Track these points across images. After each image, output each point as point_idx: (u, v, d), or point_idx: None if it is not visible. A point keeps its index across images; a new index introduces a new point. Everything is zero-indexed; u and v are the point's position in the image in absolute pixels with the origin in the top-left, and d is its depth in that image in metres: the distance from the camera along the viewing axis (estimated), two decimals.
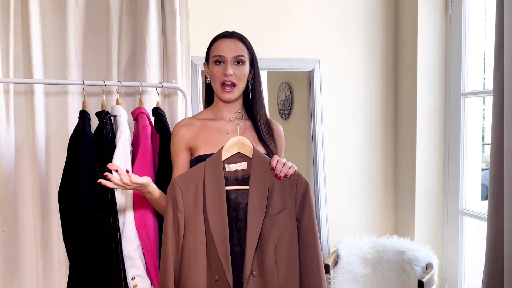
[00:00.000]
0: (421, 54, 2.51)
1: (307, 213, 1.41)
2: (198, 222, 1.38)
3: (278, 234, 1.39)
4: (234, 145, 1.44)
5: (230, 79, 1.56)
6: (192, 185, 1.40)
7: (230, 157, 1.44)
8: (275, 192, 1.41)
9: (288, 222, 1.40)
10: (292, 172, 1.45)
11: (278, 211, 1.40)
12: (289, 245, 1.40)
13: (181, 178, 1.42)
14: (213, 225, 1.37)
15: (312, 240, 1.40)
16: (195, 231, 1.38)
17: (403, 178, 2.68)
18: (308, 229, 1.41)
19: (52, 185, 2.14)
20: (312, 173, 2.59)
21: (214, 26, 1.89)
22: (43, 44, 2.15)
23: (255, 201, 1.39)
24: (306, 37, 2.57)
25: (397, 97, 2.71)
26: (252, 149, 1.44)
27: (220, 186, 1.39)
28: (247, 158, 1.45)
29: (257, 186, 1.40)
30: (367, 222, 2.73)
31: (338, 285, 2.33)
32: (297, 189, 1.42)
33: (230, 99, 1.60)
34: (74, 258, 1.81)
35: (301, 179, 1.43)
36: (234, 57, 1.57)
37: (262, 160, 1.43)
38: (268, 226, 1.39)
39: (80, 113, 1.94)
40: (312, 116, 2.57)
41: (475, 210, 2.43)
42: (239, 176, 1.45)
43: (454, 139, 2.51)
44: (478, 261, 2.16)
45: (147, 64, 2.17)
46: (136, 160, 1.88)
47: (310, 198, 1.42)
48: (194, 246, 1.38)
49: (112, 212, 1.80)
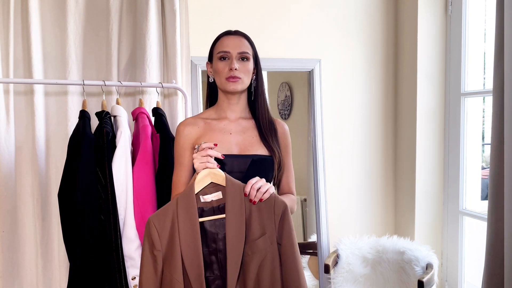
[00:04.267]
0: (421, 54, 2.50)
1: (286, 236, 1.39)
2: (174, 259, 1.36)
3: (259, 260, 1.37)
4: (206, 176, 1.41)
5: (236, 74, 1.55)
6: (167, 222, 1.38)
7: (204, 188, 1.42)
8: (253, 217, 1.38)
9: (269, 246, 1.38)
10: (267, 196, 1.41)
11: (258, 236, 1.38)
12: (271, 270, 1.38)
13: (156, 216, 1.40)
14: (187, 262, 1.35)
15: (292, 264, 1.38)
16: (172, 269, 1.35)
17: (403, 178, 2.68)
18: (287, 252, 1.39)
19: (52, 185, 2.14)
20: (312, 173, 2.58)
21: (214, 26, 1.88)
22: (43, 44, 2.15)
23: (233, 229, 1.36)
24: (306, 37, 2.57)
25: (397, 97, 2.71)
26: (224, 177, 1.41)
27: (193, 219, 1.37)
28: (222, 187, 1.42)
29: (234, 214, 1.37)
30: (367, 222, 2.73)
31: (338, 285, 2.33)
32: (275, 212, 1.39)
33: (236, 90, 1.57)
34: (74, 258, 1.81)
35: (278, 202, 1.40)
36: (239, 53, 1.57)
37: (236, 187, 1.40)
38: (249, 252, 1.37)
39: (80, 113, 1.94)
40: (312, 116, 2.56)
41: (475, 210, 2.42)
42: (215, 206, 1.42)
43: (454, 139, 2.50)
44: (478, 261, 2.15)
45: (147, 64, 2.17)
46: (136, 160, 1.89)
47: (288, 220, 1.40)
48: (170, 284, 1.36)
49: (112, 212, 1.80)
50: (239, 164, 1.57)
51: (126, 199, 1.84)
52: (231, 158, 1.57)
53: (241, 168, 1.57)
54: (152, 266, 1.37)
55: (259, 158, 1.59)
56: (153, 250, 1.37)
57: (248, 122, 1.66)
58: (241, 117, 1.66)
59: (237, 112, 1.65)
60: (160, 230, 1.37)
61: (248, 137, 1.63)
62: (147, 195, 1.86)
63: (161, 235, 1.37)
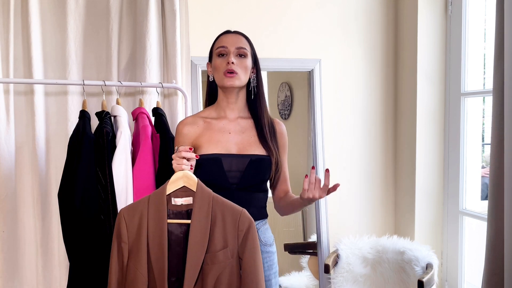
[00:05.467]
0: (421, 54, 2.50)
1: (248, 252, 1.39)
2: (140, 254, 1.37)
3: (217, 272, 1.38)
4: (180, 178, 1.43)
5: (233, 68, 1.57)
6: (136, 216, 1.40)
7: (177, 191, 1.43)
8: (217, 228, 1.39)
9: (229, 260, 1.39)
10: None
11: (219, 248, 1.38)
12: (229, 283, 1.39)
13: (127, 209, 1.43)
14: (154, 258, 1.37)
15: (250, 281, 1.39)
16: (137, 263, 1.37)
17: (403, 177, 2.67)
18: (248, 269, 1.39)
19: (52, 185, 2.14)
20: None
21: (214, 26, 1.90)
22: (43, 44, 2.15)
23: (196, 236, 1.37)
24: (306, 37, 2.56)
25: (397, 97, 2.71)
26: (196, 183, 1.43)
27: (161, 219, 1.38)
28: (193, 193, 1.43)
29: (199, 222, 1.38)
30: (367, 222, 2.72)
31: (338, 285, 2.32)
32: (239, 227, 1.39)
33: (233, 85, 1.59)
34: (74, 258, 1.82)
35: (244, 217, 1.40)
36: (236, 48, 1.59)
37: (205, 194, 1.41)
38: (208, 262, 1.38)
39: (80, 113, 1.94)
40: (312, 116, 2.55)
41: (475, 210, 2.41)
42: (183, 210, 1.43)
43: (454, 139, 2.49)
44: (478, 261, 2.15)
45: (147, 64, 2.17)
46: (137, 160, 1.89)
47: (253, 237, 1.40)
48: (135, 277, 1.37)
49: (112, 212, 1.79)
50: (238, 164, 1.59)
51: (126, 199, 1.84)
52: (230, 158, 1.59)
53: (239, 167, 1.59)
54: (117, 257, 1.40)
55: (257, 158, 1.61)
56: (120, 242, 1.40)
57: (247, 122, 1.67)
58: (240, 116, 1.67)
59: (236, 111, 1.67)
60: (129, 223, 1.40)
61: (246, 136, 1.64)
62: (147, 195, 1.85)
63: (129, 228, 1.40)
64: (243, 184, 1.59)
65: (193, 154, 1.44)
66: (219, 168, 1.57)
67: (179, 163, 1.43)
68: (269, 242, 1.67)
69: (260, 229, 1.63)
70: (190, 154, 1.44)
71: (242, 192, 1.59)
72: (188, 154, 1.43)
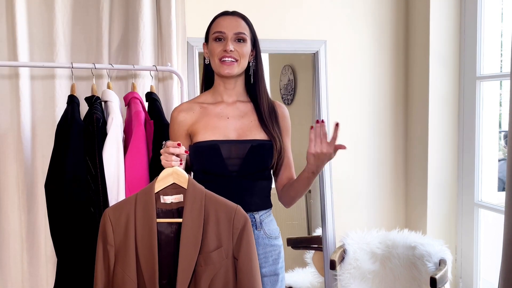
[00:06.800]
0: (433, 35, 2.47)
1: (244, 251, 1.39)
2: (128, 256, 1.37)
3: (212, 273, 1.37)
4: (169, 175, 1.42)
5: (231, 55, 1.56)
6: (123, 217, 1.39)
7: (166, 188, 1.42)
8: (210, 227, 1.38)
9: (223, 260, 1.38)
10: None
11: (213, 248, 1.37)
12: (224, 285, 1.38)
13: (113, 209, 1.42)
14: (143, 261, 1.36)
15: (247, 282, 1.38)
16: (125, 267, 1.36)
17: (415, 168, 2.65)
18: (243, 269, 1.38)
19: (39, 175, 2.13)
20: None
21: (212, 5, 1.95)
22: (29, 24, 2.12)
23: (188, 235, 1.36)
24: (311, 17, 2.54)
25: (408, 81, 2.68)
26: (187, 179, 1.42)
27: (150, 218, 1.38)
28: (184, 190, 1.42)
29: (191, 220, 1.37)
30: (376, 215, 2.70)
31: (345, 282, 2.31)
32: (234, 225, 1.39)
33: (231, 74, 1.58)
34: (62, 254, 1.82)
35: (239, 215, 1.40)
36: (235, 33, 1.58)
37: (198, 192, 1.40)
38: (202, 263, 1.37)
39: (69, 98, 1.93)
40: (317, 101, 2.54)
41: (491, 202, 2.40)
42: (174, 208, 1.43)
43: (469, 126, 2.48)
44: (495, 257, 2.15)
45: (140, 45, 2.15)
46: (129, 148, 1.88)
47: (248, 235, 1.39)
48: (123, 282, 1.36)
49: (103, 204, 1.79)
50: (237, 150, 1.58)
51: (117, 190, 1.84)
52: (229, 144, 1.58)
53: (239, 154, 1.58)
54: (103, 261, 1.40)
55: (259, 143, 1.60)
56: (106, 244, 1.39)
57: (246, 106, 1.67)
58: (238, 100, 1.67)
59: (234, 96, 1.67)
60: (115, 225, 1.39)
61: (246, 121, 1.64)
62: (140, 186, 1.82)
63: (115, 230, 1.39)
64: (244, 172, 1.58)
65: (182, 150, 1.42)
66: (217, 156, 1.56)
67: (168, 160, 1.41)
68: (274, 234, 1.66)
69: (264, 220, 1.63)
70: (179, 150, 1.41)
71: (243, 180, 1.59)
72: (177, 150, 1.41)
